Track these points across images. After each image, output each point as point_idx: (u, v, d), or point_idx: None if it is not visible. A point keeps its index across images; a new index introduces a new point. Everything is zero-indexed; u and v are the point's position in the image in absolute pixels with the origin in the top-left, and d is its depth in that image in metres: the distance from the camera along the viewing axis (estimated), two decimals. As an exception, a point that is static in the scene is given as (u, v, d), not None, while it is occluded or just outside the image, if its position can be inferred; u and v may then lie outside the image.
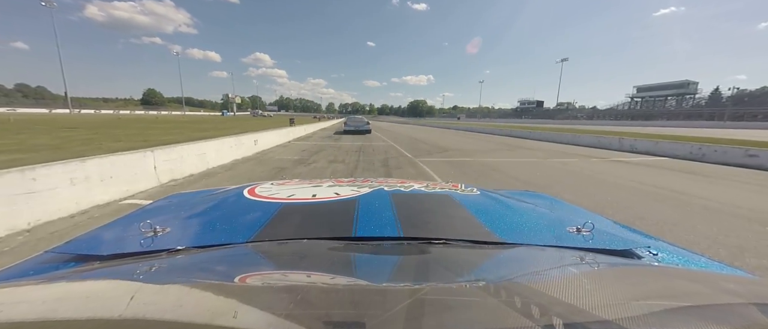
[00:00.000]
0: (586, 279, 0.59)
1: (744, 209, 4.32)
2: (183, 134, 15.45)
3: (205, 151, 7.14)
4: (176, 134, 15.44)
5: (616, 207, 4.34)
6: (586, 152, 11.74)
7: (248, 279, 0.57)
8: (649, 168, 8.11)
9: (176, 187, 5.32)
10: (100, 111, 74.96)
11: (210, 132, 16.75)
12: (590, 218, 0.97)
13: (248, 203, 1.08)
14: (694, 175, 7.18)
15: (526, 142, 16.89)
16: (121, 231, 0.90)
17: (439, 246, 0.76)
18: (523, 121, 76.79)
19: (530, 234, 0.86)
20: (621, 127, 38.74)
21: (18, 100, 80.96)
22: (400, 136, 19.82)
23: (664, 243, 0.90)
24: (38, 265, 0.73)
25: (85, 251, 0.76)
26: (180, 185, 5.55)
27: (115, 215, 1.31)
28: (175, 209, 1.12)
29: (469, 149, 12.45)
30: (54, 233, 3.21)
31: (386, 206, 1.00)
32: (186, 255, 0.72)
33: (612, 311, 0.40)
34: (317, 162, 8.42)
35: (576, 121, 65.54)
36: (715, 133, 21.25)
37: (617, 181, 6.32)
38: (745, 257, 2.80)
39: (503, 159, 9.73)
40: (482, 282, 0.56)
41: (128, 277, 0.58)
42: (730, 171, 7.80)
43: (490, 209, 1.05)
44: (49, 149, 8.63)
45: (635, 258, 0.79)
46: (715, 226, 3.56)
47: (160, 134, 15.55)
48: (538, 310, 0.40)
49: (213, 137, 8.79)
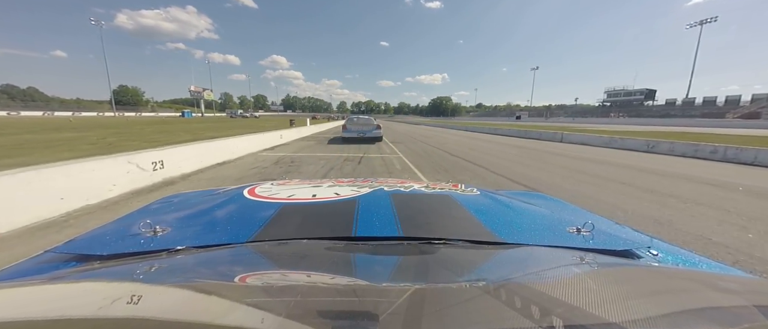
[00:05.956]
0: (586, 279, 0.59)
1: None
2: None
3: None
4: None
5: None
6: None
7: (248, 279, 0.56)
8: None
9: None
10: (54, 113, 67.96)
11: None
12: (590, 218, 0.97)
13: (248, 203, 1.07)
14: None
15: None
16: (121, 231, 0.87)
17: (439, 246, 0.76)
18: (624, 122, 54.84)
19: (530, 234, 0.85)
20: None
21: (3, 101, 74.63)
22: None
23: (664, 243, 0.89)
24: (38, 265, 0.72)
25: (85, 251, 0.75)
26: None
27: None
28: (175, 209, 1.11)
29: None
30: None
31: (386, 206, 0.99)
32: (186, 255, 0.72)
33: (612, 311, 0.40)
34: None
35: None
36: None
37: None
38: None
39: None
40: (482, 282, 0.56)
41: (128, 277, 0.57)
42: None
43: (490, 210, 1.05)
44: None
45: (635, 258, 0.78)
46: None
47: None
48: (538, 310, 0.40)
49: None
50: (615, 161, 9.18)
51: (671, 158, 9.96)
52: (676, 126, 35.13)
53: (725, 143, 10.44)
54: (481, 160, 9.27)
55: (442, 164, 8.60)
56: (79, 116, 63.36)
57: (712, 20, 67.26)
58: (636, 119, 59.95)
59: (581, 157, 10.18)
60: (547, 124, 46.46)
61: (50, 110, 70.73)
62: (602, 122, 54.56)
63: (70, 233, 3.29)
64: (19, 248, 2.91)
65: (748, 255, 2.81)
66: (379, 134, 14.25)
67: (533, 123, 50.26)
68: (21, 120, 36.70)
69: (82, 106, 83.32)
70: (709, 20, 67.67)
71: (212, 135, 15.12)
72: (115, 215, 2.27)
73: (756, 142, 11.40)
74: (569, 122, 55.79)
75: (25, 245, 2.97)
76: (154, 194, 4.87)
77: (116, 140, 13.28)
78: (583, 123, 50.64)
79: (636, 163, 8.88)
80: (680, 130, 24.77)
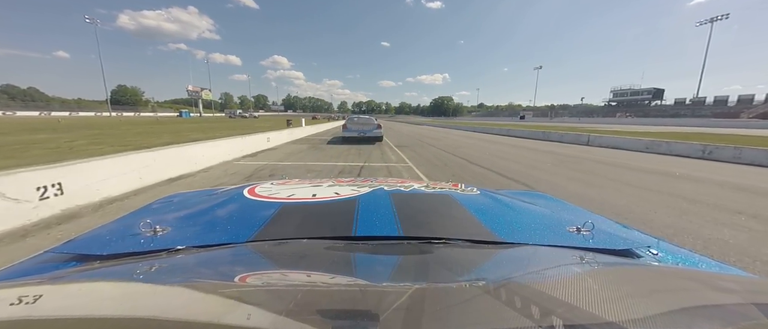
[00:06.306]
0: (586, 278, 0.59)
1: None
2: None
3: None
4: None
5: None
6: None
7: (248, 279, 0.56)
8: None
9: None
10: (50, 113, 69.24)
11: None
12: (590, 218, 0.97)
13: (248, 202, 1.07)
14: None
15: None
16: (121, 231, 0.87)
17: (439, 246, 0.76)
18: (632, 122, 53.25)
19: (530, 234, 0.86)
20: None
21: (2, 101, 75.74)
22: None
23: (664, 243, 0.89)
24: (38, 265, 0.72)
25: (85, 250, 0.75)
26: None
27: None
28: (175, 208, 1.10)
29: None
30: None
31: (386, 205, 0.99)
32: (186, 254, 0.72)
33: (612, 311, 0.39)
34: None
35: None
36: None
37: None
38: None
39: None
40: (482, 282, 0.56)
41: (128, 277, 0.57)
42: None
43: (490, 209, 1.05)
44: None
45: (635, 257, 0.78)
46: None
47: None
48: (538, 310, 0.40)
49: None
50: (691, 174, 7.08)
51: (751, 170, 7.96)
52: (694, 126, 33.34)
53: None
54: (512, 171, 7.40)
55: (466, 176, 6.77)
56: (76, 115, 63.38)
57: (723, 17, 65.29)
58: (644, 120, 58.28)
59: (634, 166, 8.28)
60: (554, 124, 44.40)
61: (48, 110, 70.32)
62: (609, 122, 53.18)
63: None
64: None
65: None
66: (379, 134, 13.93)
67: (539, 123, 47.94)
68: (12, 120, 35.59)
69: (82, 106, 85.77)
70: (721, 18, 65.67)
71: (196, 137, 14.02)
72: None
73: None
74: (575, 123, 54.74)
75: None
76: (21, 243, 2.91)
77: (86, 143, 11.76)
78: (590, 123, 49.31)
79: (724, 176, 6.86)
80: (711, 132, 22.33)
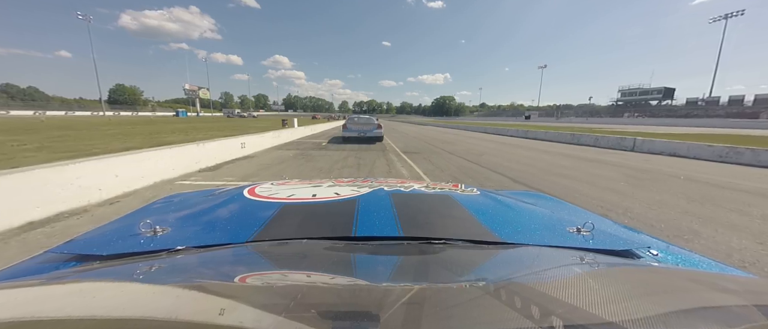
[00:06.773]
0: (586, 278, 0.59)
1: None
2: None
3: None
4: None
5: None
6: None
7: (248, 279, 0.56)
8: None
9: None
10: (45, 113, 68.20)
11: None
12: (590, 218, 0.98)
13: (248, 203, 1.07)
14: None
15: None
16: (121, 231, 0.87)
17: (439, 246, 0.76)
18: (641, 122, 51.26)
19: (530, 234, 0.86)
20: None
21: (2, 101, 73.85)
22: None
23: (664, 243, 0.89)
24: (38, 265, 0.72)
25: (85, 251, 0.74)
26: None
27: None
28: (175, 208, 1.10)
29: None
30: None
31: (386, 206, 0.99)
32: (186, 254, 0.72)
33: (612, 311, 0.39)
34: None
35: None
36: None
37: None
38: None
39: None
40: (482, 282, 0.56)
41: (128, 277, 0.57)
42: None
43: (490, 209, 1.04)
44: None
45: (635, 258, 0.78)
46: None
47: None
48: (538, 310, 0.40)
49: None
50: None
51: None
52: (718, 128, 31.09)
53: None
54: (594, 201, 4.95)
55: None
56: (72, 115, 62.08)
57: (738, 13, 62.92)
58: (654, 120, 56.02)
59: (739, 187, 6.03)
60: (564, 124, 43.04)
61: (42, 110, 69.12)
62: (620, 122, 50.82)
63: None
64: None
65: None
66: (379, 134, 13.85)
67: (548, 124, 45.90)
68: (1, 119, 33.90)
69: (82, 105, 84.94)
70: (736, 14, 63.31)
71: (170, 140, 12.57)
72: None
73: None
74: (582, 123, 52.80)
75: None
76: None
77: (51, 144, 10.21)
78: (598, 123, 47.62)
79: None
80: (749, 133, 20.53)
